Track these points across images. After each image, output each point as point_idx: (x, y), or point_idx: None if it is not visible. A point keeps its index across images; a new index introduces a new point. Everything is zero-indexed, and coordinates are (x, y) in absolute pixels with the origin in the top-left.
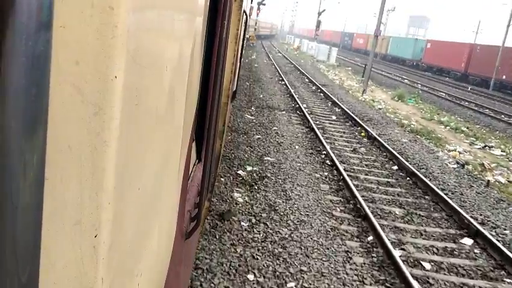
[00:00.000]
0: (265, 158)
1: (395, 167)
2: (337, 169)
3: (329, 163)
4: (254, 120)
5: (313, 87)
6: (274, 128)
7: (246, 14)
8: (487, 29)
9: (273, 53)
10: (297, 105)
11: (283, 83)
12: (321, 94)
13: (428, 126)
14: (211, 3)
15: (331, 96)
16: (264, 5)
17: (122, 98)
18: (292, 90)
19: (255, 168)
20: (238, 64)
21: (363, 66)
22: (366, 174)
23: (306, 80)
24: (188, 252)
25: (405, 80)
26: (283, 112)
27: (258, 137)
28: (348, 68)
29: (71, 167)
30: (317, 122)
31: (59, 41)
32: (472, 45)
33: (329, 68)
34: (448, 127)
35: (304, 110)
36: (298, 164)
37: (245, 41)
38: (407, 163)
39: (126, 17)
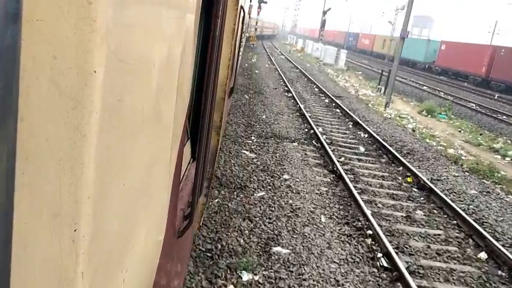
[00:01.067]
0: (274, 250)
1: (491, 262)
2: (399, 272)
3: (381, 254)
4: (255, 160)
5: (326, 100)
6: (284, 175)
7: (243, 11)
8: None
9: (275, 56)
10: (311, 131)
11: (290, 95)
12: (338, 110)
13: (481, 157)
14: None
15: (350, 112)
16: (266, 3)
17: (103, 93)
18: (302, 106)
19: (255, 278)
20: (236, 60)
21: (380, 72)
22: (448, 281)
23: (316, 89)
24: (182, 250)
25: (424, 87)
26: (295, 144)
27: (260, 194)
28: (358, 73)
29: (49, 160)
30: (342, 159)
31: (35, 35)
32: (495, 48)
33: (338, 72)
34: (507, 158)
35: (322, 138)
36: (332, 266)
37: (243, 39)
38: (507, 253)
39: (105, 12)
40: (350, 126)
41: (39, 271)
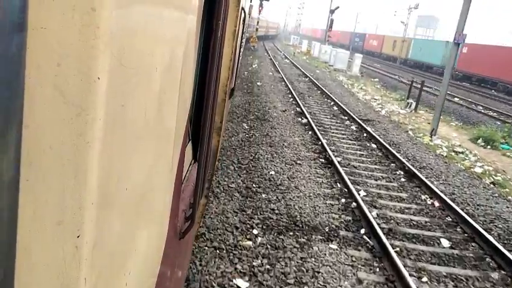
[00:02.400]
0: None
1: None
2: None
3: None
4: None
5: (353, 127)
6: None
7: (244, 11)
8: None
9: (278, 59)
10: (350, 200)
11: (304, 121)
12: (374, 146)
13: None
14: (208, 0)
15: (392, 150)
16: (268, 0)
17: (106, 99)
18: (324, 142)
19: None
20: (237, 61)
21: (409, 84)
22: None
23: (335, 108)
24: (183, 251)
25: (455, 98)
26: (333, 247)
27: None
28: (374, 80)
29: (53, 167)
30: (424, 278)
31: (40, 42)
32: None
33: (352, 80)
34: None
35: (375, 223)
36: None
37: (244, 39)
38: None
39: (109, 18)
40: (403, 180)
41: (42, 277)
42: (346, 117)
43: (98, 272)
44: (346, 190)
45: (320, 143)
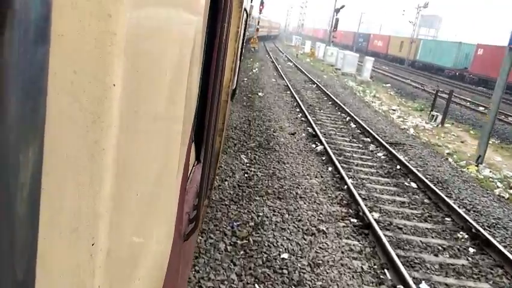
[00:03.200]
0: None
1: None
2: None
3: None
4: None
5: (381, 154)
6: None
7: (246, 12)
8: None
9: (281, 62)
10: None
11: (319, 148)
12: (413, 185)
13: None
14: (212, 1)
15: (438, 191)
16: None
17: (121, 105)
18: (350, 183)
19: None
20: (238, 62)
21: (433, 93)
22: None
23: (354, 125)
24: (187, 253)
25: (480, 108)
26: None
27: None
28: (386, 85)
29: (68, 175)
30: None
31: (57, 50)
32: None
33: (362, 86)
34: None
35: None
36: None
37: (245, 39)
38: None
39: (125, 24)
40: (472, 252)
41: (57, 285)
42: (369, 139)
43: (111, 280)
44: (401, 281)
45: (345, 186)
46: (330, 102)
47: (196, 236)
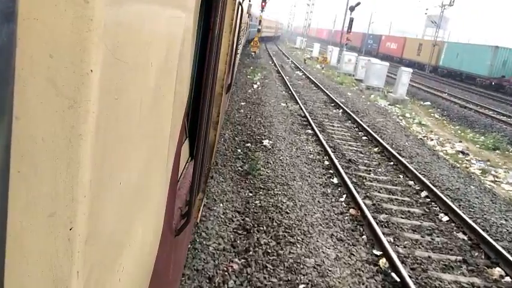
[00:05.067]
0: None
1: None
2: None
3: None
4: None
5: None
6: None
7: (241, 7)
8: None
9: (288, 71)
10: None
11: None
12: None
13: None
14: None
15: None
16: None
17: (100, 92)
18: None
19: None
20: (234, 56)
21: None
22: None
23: (435, 207)
24: (179, 249)
25: None
26: None
27: None
28: (425, 104)
29: (45, 159)
30: None
31: (32, 34)
32: None
33: (398, 106)
34: None
35: None
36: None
37: (243, 38)
38: None
39: (102, 11)
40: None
41: (34, 270)
42: (467, 240)
43: (91, 266)
44: None
45: None
46: (376, 149)
47: (190, 231)
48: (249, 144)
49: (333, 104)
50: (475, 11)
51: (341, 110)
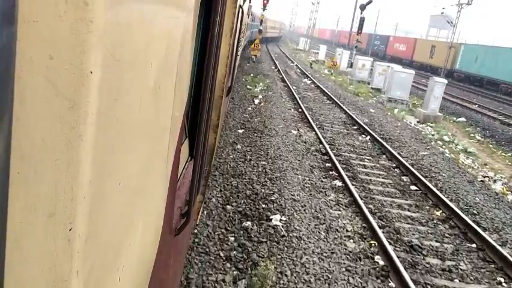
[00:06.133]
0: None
1: None
2: None
3: None
4: None
5: None
6: None
7: (242, 9)
8: None
9: (295, 79)
10: None
11: None
12: None
13: None
14: None
15: None
16: None
17: (99, 93)
18: None
19: None
20: (234, 59)
21: None
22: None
23: None
24: (179, 248)
25: None
26: None
27: None
28: (459, 121)
29: (45, 160)
30: None
31: (32, 35)
32: None
33: (430, 125)
34: None
35: None
36: None
37: (242, 39)
38: None
39: (102, 12)
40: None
41: (33, 270)
42: None
43: (91, 266)
44: None
45: None
46: (438, 213)
47: (189, 231)
48: (248, 224)
49: (356, 127)
50: (483, 11)
51: (369, 137)
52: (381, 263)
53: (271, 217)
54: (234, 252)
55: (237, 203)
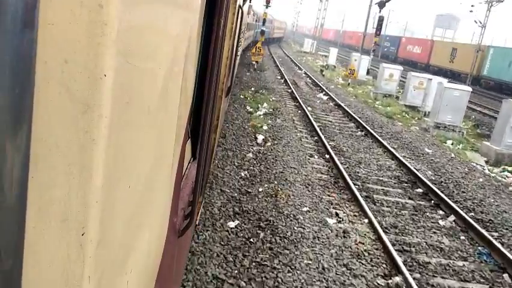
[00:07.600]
0: None
1: None
2: None
3: None
4: None
5: None
6: None
7: (241, 9)
8: None
9: (307, 94)
10: None
11: None
12: None
13: None
14: None
15: None
16: None
17: (112, 96)
18: None
19: None
20: (233, 60)
21: None
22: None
23: None
24: (182, 249)
25: None
26: None
27: None
28: None
29: (58, 165)
30: None
31: (47, 39)
32: None
33: (507, 173)
34: None
35: None
36: None
37: (242, 39)
38: None
39: (116, 15)
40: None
41: (46, 275)
42: None
43: (102, 271)
44: None
45: None
46: None
47: (191, 232)
48: None
49: (421, 191)
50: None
51: (453, 217)
52: None
53: None
54: None
55: None
